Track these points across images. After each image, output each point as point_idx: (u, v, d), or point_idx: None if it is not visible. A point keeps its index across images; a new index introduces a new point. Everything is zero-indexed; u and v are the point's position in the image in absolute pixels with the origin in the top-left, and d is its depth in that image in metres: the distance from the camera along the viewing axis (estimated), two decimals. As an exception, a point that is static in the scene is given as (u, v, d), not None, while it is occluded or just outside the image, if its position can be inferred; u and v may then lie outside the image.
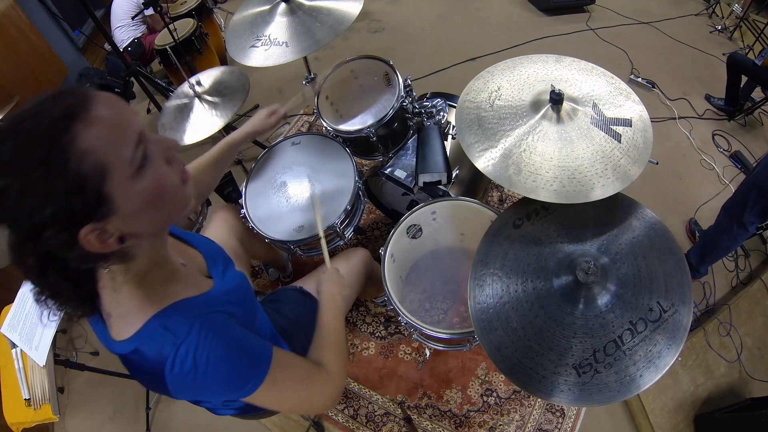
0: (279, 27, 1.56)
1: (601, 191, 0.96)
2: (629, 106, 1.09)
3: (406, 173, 1.54)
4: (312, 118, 2.68)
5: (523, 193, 1.00)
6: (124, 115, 0.57)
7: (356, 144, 1.61)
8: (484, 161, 1.05)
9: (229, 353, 0.68)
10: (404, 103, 1.50)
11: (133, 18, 2.77)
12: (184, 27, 2.58)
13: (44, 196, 0.50)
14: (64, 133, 0.51)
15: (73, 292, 0.61)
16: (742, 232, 1.69)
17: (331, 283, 1.09)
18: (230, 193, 1.73)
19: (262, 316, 1.06)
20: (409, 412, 1.64)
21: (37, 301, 0.59)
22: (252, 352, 0.72)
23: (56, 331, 1.43)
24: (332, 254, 1.44)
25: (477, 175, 1.63)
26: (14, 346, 1.47)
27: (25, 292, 1.53)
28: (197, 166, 1.15)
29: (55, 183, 0.50)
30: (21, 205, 0.50)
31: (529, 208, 1.09)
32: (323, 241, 1.25)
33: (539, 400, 1.66)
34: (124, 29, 2.85)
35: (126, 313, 0.66)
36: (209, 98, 1.68)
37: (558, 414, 1.64)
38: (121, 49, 2.76)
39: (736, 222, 1.69)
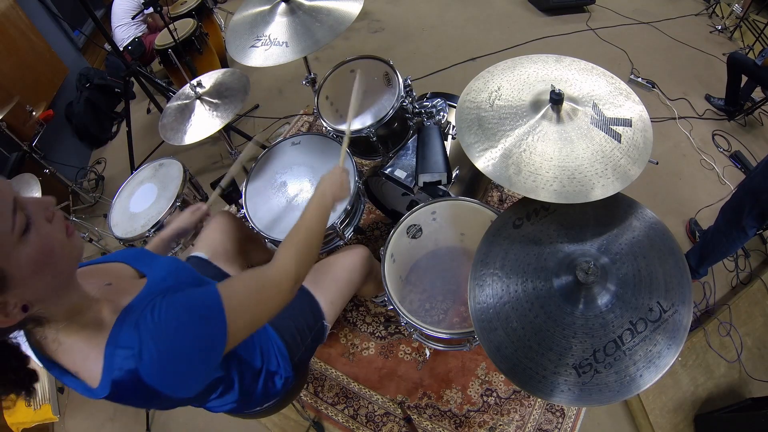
0: (279, 27, 1.56)
1: (601, 191, 0.96)
2: (629, 106, 1.09)
3: (406, 173, 1.54)
4: (312, 118, 2.68)
5: (523, 193, 1.00)
6: None
7: (356, 144, 1.61)
8: (484, 161, 1.05)
9: (185, 319, 0.67)
10: (404, 103, 1.50)
11: (133, 18, 2.77)
12: (184, 27, 2.58)
13: None
14: None
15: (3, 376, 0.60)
16: (741, 236, 1.69)
17: (330, 182, 1.07)
18: (230, 193, 1.73)
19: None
20: (409, 412, 1.64)
21: None
22: (202, 304, 0.71)
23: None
24: (332, 252, 1.45)
25: (477, 175, 1.63)
26: (14, 346, 1.47)
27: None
28: None
29: None
30: None
31: (529, 208, 1.09)
32: (347, 138, 1.28)
33: (539, 400, 1.66)
34: (124, 28, 2.86)
35: (85, 359, 0.66)
36: (210, 99, 1.68)
37: (558, 414, 1.64)
38: (122, 49, 2.76)
39: (734, 226, 1.68)
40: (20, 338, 0.64)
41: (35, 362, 0.66)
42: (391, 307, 1.22)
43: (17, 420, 1.44)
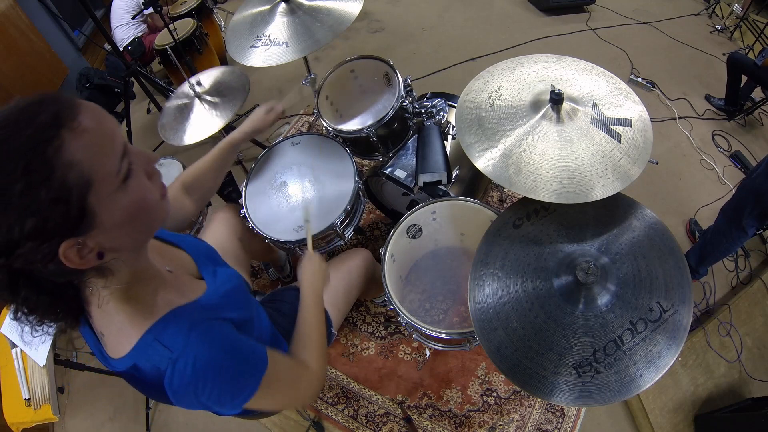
0: (279, 27, 1.55)
1: (601, 191, 0.96)
2: (629, 106, 1.09)
3: (406, 173, 1.54)
4: (312, 118, 2.68)
5: (522, 193, 1.00)
6: (110, 125, 0.55)
7: (356, 144, 1.61)
8: (484, 161, 1.05)
9: (228, 363, 0.67)
10: (404, 103, 1.50)
11: (132, 18, 2.77)
12: (184, 27, 2.58)
13: (24, 209, 0.47)
14: (50, 143, 0.48)
15: (51, 306, 0.58)
16: (741, 235, 1.69)
17: (312, 275, 1.07)
18: (230, 193, 1.74)
19: (262, 315, 1.06)
20: (409, 412, 1.64)
21: (15, 319, 0.57)
22: (249, 359, 0.72)
23: (56, 331, 1.43)
24: (332, 254, 1.45)
25: (477, 175, 1.63)
26: (14, 346, 1.47)
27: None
28: (198, 168, 1.14)
29: (37, 195, 0.47)
30: (3, 215, 0.47)
31: (529, 208, 1.09)
32: (308, 225, 1.27)
33: (539, 400, 1.66)
34: (124, 28, 2.86)
35: (119, 330, 0.65)
36: (209, 98, 1.68)
37: (558, 414, 1.64)
38: (121, 49, 2.76)
39: (734, 226, 1.68)
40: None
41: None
42: (391, 307, 1.22)
43: (17, 420, 1.44)
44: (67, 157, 0.49)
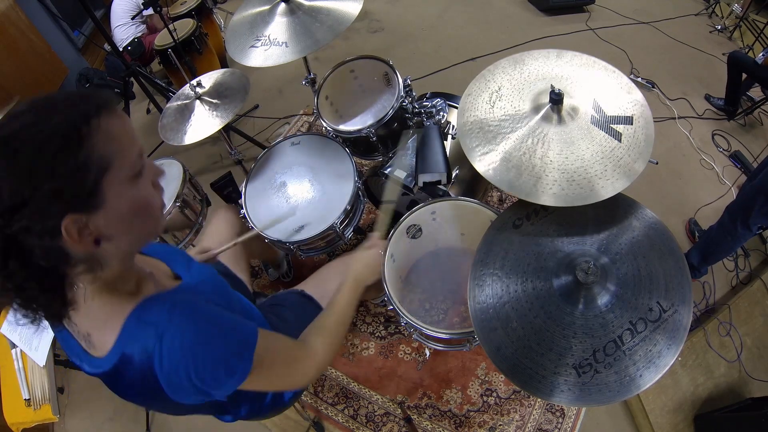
0: (279, 27, 1.55)
1: (601, 193, 0.96)
2: (631, 99, 1.08)
3: (406, 173, 1.54)
4: (312, 118, 2.68)
5: (523, 197, 1.00)
6: (132, 128, 0.62)
7: (356, 144, 1.61)
8: (485, 165, 1.05)
9: (217, 336, 0.67)
10: (404, 103, 1.50)
11: (132, 18, 2.77)
12: (184, 27, 2.58)
13: (50, 167, 0.51)
14: (88, 123, 0.55)
15: (38, 288, 0.58)
16: (746, 233, 1.69)
17: (364, 265, 1.07)
18: (230, 193, 1.73)
19: (254, 313, 1.06)
20: (409, 412, 1.64)
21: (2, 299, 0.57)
22: (238, 332, 0.71)
23: (56, 332, 1.43)
24: (332, 255, 1.45)
25: (477, 175, 1.61)
26: (14, 346, 1.47)
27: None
28: None
29: (65, 160, 0.52)
30: (25, 170, 0.51)
31: (528, 208, 1.09)
32: (387, 206, 1.22)
33: (539, 400, 1.66)
34: (123, 28, 2.85)
35: (104, 323, 0.65)
36: (209, 99, 1.68)
37: (558, 414, 1.64)
38: (121, 49, 2.75)
39: (740, 223, 1.68)
40: None
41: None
42: (391, 307, 1.22)
43: (17, 420, 1.44)
44: (98, 136, 0.55)
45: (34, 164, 0.51)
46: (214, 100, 1.68)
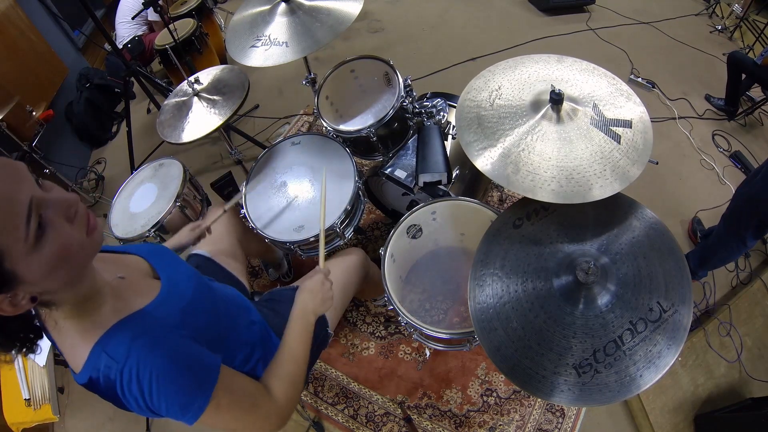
0: (279, 27, 1.55)
1: (599, 192, 0.96)
2: (630, 107, 1.08)
3: (406, 173, 1.54)
4: (312, 118, 2.68)
5: (521, 193, 1.00)
6: (8, 191, 0.53)
7: (356, 144, 1.61)
8: (483, 160, 1.05)
9: (173, 371, 0.66)
10: (404, 103, 1.50)
11: (132, 18, 2.77)
12: (184, 27, 2.58)
13: None
14: None
15: (8, 338, 0.62)
16: (740, 247, 1.67)
17: (311, 295, 0.98)
18: (230, 193, 1.73)
19: (253, 314, 1.05)
20: (409, 412, 1.64)
21: None
22: (195, 368, 0.70)
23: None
24: (330, 255, 1.45)
25: (477, 175, 1.63)
26: (14, 346, 1.47)
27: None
28: None
29: None
30: None
31: (529, 208, 1.09)
32: (322, 237, 1.14)
33: (539, 400, 1.66)
34: (126, 26, 2.86)
35: (73, 346, 0.67)
36: (208, 96, 1.68)
37: (558, 414, 1.64)
38: (121, 46, 2.75)
39: (734, 236, 1.66)
40: None
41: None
42: (391, 307, 1.22)
43: (17, 420, 1.44)
44: None
45: None
46: (213, 97, 1.67)
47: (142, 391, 0.64)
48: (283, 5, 1.58)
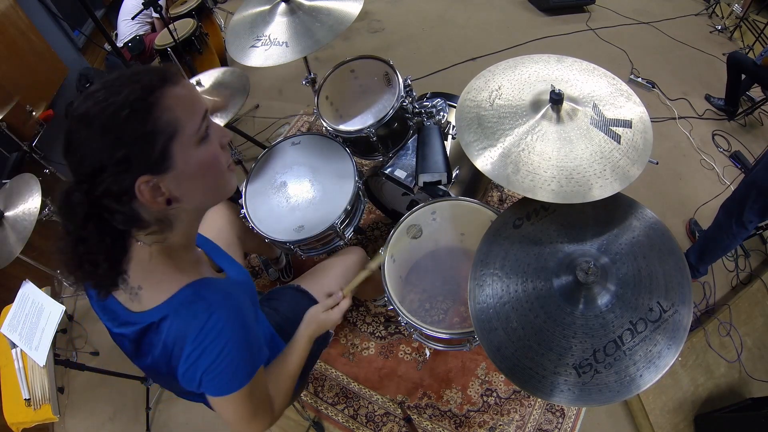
0: (279, 27, 1.55)
1: (599, 192, 0.96)
2: (630, 107, 1.08)
3: (406, 173, 1.54)
4: (312, 118, 2.68)
5: (521, 193, 1.00)
6: (198, 93, 0.67)
7: (356, 144, 1.61)
8: (483, 160, 1.05)
9: (244, 344, 0.71)
10: (404, 103, 1.50)
11: (133, 18, 2.76)
12: (184, 27, 2.58)
13: (121, 137, 0.58)
14: (154, 92, 0.60)
15: (104, 256, 0.63)
16: (741, 231, 1.69)
17: (320, 323, 1.02)
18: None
19: (261, 315, 1.07)
20: (409, 412, 1.64)
21: (66, 265, 0.63)
22: (254, 351, 0.75)
23: (56, 331, 1.43)
24: (330, 255, 1.45)
25: (477, 175, 1.63)
26: (14, 346, 1.47)
27: (26, 292, 1.53)
28: None
29: (134, 127, 0.58)
30: (101, 139, 0.57)
31: (529, 208, 1.09)
32: (363, 273, 1.16)
33: (539, 400, 1.66)
34: (129, 24, 2.85)
35: (159, 281, 0.69)
36: (209, 98, 1.68)
37: (558, 414, 1.64)
38: (121, 45, 2.75)
39: (735, 220, 1.68)
40: None
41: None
42: (391, 307, 1.22)
43: (17, 420, 1.43)
44: (164, 104, 0.60)
45: (107, 134, 0.58)
46: (214, 99, 1.68)
47: (214, 343, 0.66)
48: (283, 5, 1.58)
